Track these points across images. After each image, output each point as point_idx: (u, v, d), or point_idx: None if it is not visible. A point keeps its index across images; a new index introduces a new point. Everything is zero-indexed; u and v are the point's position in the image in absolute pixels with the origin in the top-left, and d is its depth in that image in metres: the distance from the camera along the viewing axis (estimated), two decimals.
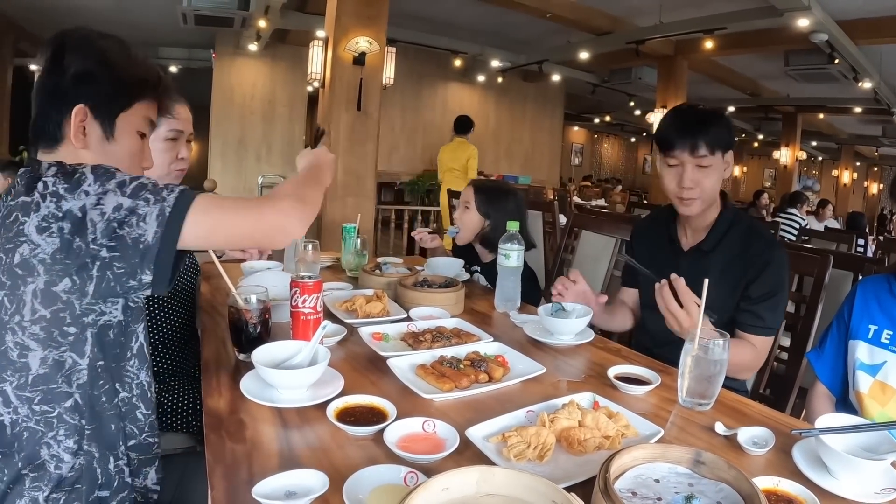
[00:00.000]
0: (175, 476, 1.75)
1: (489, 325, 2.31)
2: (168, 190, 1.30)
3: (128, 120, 1.50)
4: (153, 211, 1.26)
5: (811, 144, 22.90)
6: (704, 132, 2.15)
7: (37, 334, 1.27)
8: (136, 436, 1.48)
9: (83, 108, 1.41)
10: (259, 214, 1.39)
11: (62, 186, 1.25)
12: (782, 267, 2.19)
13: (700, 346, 1.61)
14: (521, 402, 1.58)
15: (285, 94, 12.85)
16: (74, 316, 1.29)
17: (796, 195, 10.07)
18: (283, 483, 1.15)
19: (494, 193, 3.16)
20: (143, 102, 1.53)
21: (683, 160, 2.19)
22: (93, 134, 1.45)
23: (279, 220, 1.40)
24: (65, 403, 1.32)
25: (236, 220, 1.37)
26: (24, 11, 11.18)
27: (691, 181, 2.19)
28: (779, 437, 1.43)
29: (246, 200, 1.41)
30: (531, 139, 16.88)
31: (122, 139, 1.49)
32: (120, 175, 1.30)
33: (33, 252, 1.23)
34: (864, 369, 1.93)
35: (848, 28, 9.14)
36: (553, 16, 10.14)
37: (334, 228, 6.46)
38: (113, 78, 1.45)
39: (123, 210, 1.25)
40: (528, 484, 0.94)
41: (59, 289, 1.25)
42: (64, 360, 1.31)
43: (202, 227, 1.32)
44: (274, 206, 1.41)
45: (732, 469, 1.08)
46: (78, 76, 1.41)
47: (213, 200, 1.35)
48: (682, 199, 2.25)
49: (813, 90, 14.02)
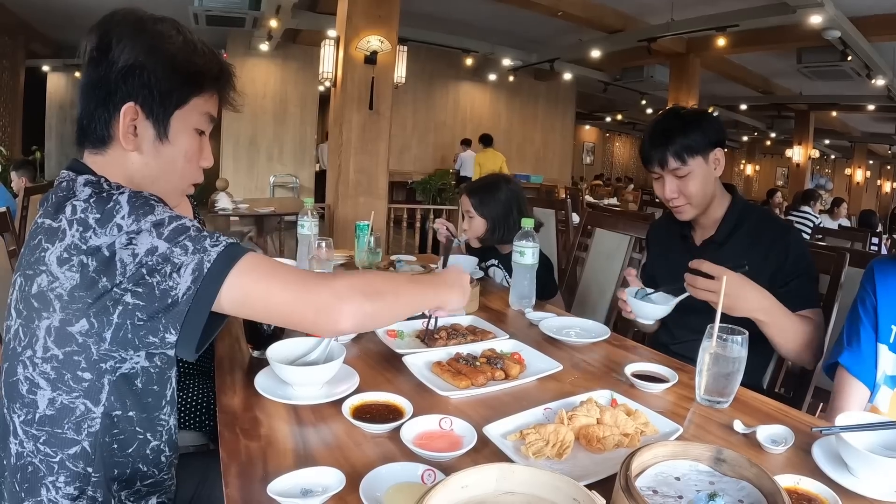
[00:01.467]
0: (195, 475, 1.71)
1: (504, 323, 2.29)
2: (212, 240, 1.17)
3: (184, 117, 1.35)
4: (190, 263, 1.13)
5: (824, 143, 22.79)
6: (671, 143, 2.18)
7: (47, 373, 1.20)
8: (154, 476, 1.42)
9: (133, 106, 1.28)
10: (306, 290, 1.20)
11: (93, 216, 1.15)
12: (801, 244, 2.22)
13: (718, 342, 1.59)
14: (538, 400, 1.57)
15: (297, 94, 12.87)
16: (91, 361, 1.20)
17: (809, 193, 9.99)
18: (299, 481, 1.14)
19: (485, 190, 3.13)
20: (203, 96, 1.38)
21: (661, 173, 2.25)
22: (145, 135, 1.31)
23: (329, 303, 1.20)
24: (69, 450, 1.25)
25: (278, 291, 1.18)
26: (36, 12, 11.23)
27: (671, 191, 2.24)
28: (798, 436, 1.41)
29: (300, 272, 1.25)
30: (543, 138, 16.87)
31: (178, 139, 1.35)
32: (159, 211, 1.17)
33: (51, 285, 1.14)
34: (887, 382, 1.73)
35: (861, 24, 9.09)
36: (564, 14, 10.11)
37: (347, 227, 6.46)
38: (167, 71, 1.29)
39: (157, 255, 1.12)
40: (549, 482, 0.93)
41: (74, 329, 1.16)
42: (75, 406, 1.23)
43: (238, 291, 1.16)
44: (329, 286, 1.21)
45: (754, 467, 1.07)
46: (127, 69, 1.26)
47: (260, 262, 1.20)
48: (672, 207, 2.31)
49: (826, 88, 13.93)
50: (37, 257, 1.17)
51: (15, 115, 12.30)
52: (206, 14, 9.31)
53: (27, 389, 1.22)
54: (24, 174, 6.30)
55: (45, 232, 1.18)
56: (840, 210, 10.76)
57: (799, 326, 2.02)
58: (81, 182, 1.23)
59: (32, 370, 1.21)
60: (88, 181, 1.23)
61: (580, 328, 2.24)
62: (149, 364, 1.32)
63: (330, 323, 1.21)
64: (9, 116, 12.13)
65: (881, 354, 1.74)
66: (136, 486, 1.39)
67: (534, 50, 13.78)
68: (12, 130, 12.17)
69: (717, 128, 2.25)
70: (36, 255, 1.17)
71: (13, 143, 11.89)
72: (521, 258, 2.48)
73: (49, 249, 1.15)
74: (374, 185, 7.03)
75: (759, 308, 1.95)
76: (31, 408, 1.23)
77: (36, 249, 1.17)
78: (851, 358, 1.80)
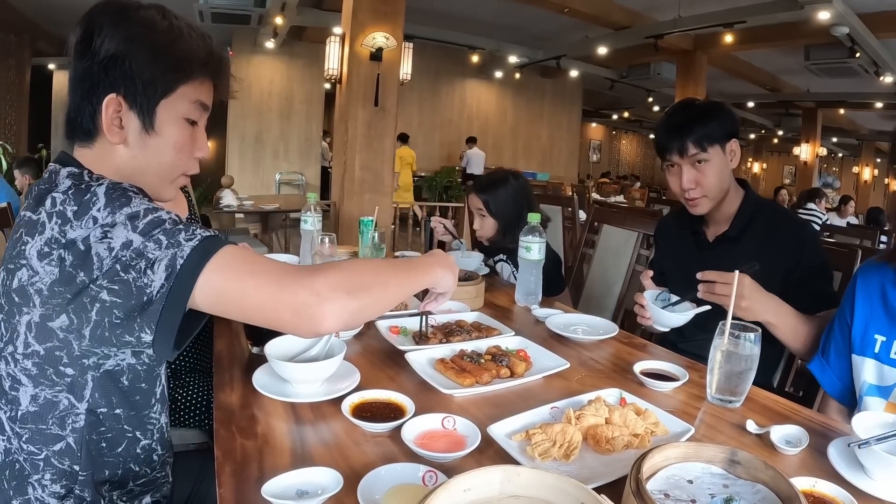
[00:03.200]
0: (193, 474, 1.68)
1: (510, 320, 2.26)
2: (188, 233, 1.10)
3: (171, 106, 1.29)
4: (163, 259, 1.06)
5: (831, 141, 22.76)
6: (691, 131, 2.15)
7: (28, 370, 1.17)
8: (147, 475, 1.40)
9: (116, 97, 1.23)
10: (282, 288, 1.09)
11: (70, 208, 1.11)
12: (816, 241, 2.19)
13: (730, 340, 1.55)
14: (544, 399, 1.53)
15: (302, 91, 12.91)
16: (72, 357, 1.16)
17: (814, 191, 10.02)
18: (295, 481, 1.11)
19: (494, 187, 3.10)
20: (191, 84, 1.31)
21: (678, 162, 2.21)
22: (130, 126, 1.26)
23: (308, 304, 1.09)
24: (53, 447, 1.22)
25: (253, 291, 1.09)
26: (41, 10, 11.27)
27: (689, 181, 2.19)
28: (813, 436, 1.37)
29: (279, 268, 1.13)
30: (549, 136, 16.90)
31: (166, 130, 1.29)
32: (135, 203, 1.12)
33: (31, 279, 1.11)
34: (875, 392, 1.68)
35: (869, 21, 9.05)
36: (570, 11, 10.11)
37: (352, 224, 6.46)
38: (149, 59, 1.24)
39: (131, 250, 1.07)
40: (556, 485, 0.89)
41: (55, 325, 1.12)
42: (58, 400, 1.19)
43: (211, 290, 1.08)
44: (306, 284, 1.10)
45: (770, 469, 1.03)
46: (108, 60, 1.21)
47: (236, 258, 1.12)
48: (687, 200, 2.25)
49: (833, 85, 13.89)
50: (18, 251, 1.13)
51: (21, 113, 12.38)
52: (211, 11, 9.34)
53: (9, 386, 1.20)
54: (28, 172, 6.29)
55: (25, 225, 1.14)
56: (847, 208, 10.76)
57: (811, 329, 1.97)
58: (64, 174, 1.19)
59: (14, 366, 1.18)
60: (71, 173, 1.19)
61: (587, 325, 2.20)
62: (136, 361, 1.28)
63: (310, 325, 1.11)
64: (15, 114, 12.20)
65: (864, 367, 1.70)
66: (129, 487, 1.36)
67: (540, 47, 13.78)
68: (18, 128, 12.25)
69: (733, 118, 2.23)
70: (17, 249, 1.14)
71: (19, 141, 11.95)
72: (528, 254, 2.44)
73: (29, 243, 1.12)
74: (379, 183, 7.01)
75: (768, 310, 1.90)
76: (14, 404, 1.20)
77: (17, 243, 1.14)
78: (819, 367, 1.85)
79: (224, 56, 1.39)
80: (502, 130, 16.28)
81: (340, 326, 1.14)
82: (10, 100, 11.96)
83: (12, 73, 11.97)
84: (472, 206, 3.19)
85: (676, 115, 2.24)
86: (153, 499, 1.44)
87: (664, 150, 2.24)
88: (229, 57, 1.40)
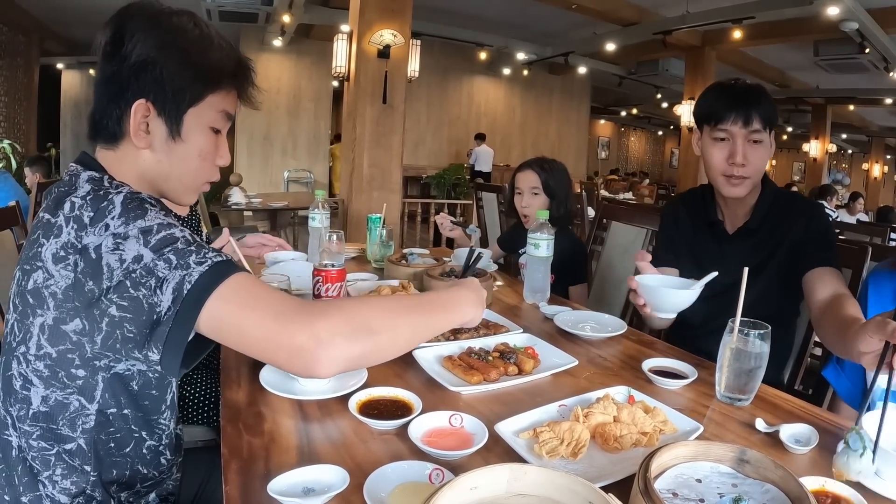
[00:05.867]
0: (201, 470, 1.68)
1: (518, 317, 2.25)
2: (198, 256, 1.08)
3: (199, 115, 1.29)
4: (172, 280, 1.05)
5: (841, 137, 22.64)
6: (756, 104, 2.01)
7: (40, 371, 1.18)
8: (154, 477, 1.40)
9: (145, 103, 1.23)
10: (281, 327, 1.05)
11: (87, 214, 1.10)
12: (824, 217, 2.12)
13: (739, 337, 1.54)
14: (552, 396, 1.52)
15: (311, 89, 12.95)
16: (84, 359, 1.17)
17: (825, 188, 9.97)
18: (301, 479, 1.10)
19: (550, 167, 3.14)
20: (219, 94, 1.32)
21: (734, 134, 2.04)
22: (157, 133, 1.26)
23: (305, 348, 1.05)
24: (65, 445, 1.22)
25: (252, 327, 1.06)
26: (50, 11, 11.32)
27: (743, 157, 2.02)
28: (822, 436, 1.36)
29: (284, 303, 1.09)
30: (557, 132, 16.90)
31: (192, 138, 1.30)
32: (150, 217, 1.11)
33: (46, 282, 1.11)
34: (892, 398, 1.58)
35: (879, 16, 9.00)
36: (578, 7, 10.09)
37: (360, 222, 6.44)
38: (180, 67, 1.24)
39: (142, 265, 1.05)
40: (563, 483, 0.88)
41: (69, 328, 1.12)
42: (69, 402, 1.20)
43: (213, 319, 1.06)
44: (307, 325, 1.05)
45: (779, 469, 1.01)
46: (139, 65, 1.21)
47: (242, 289, 1.09)
48: (730, 178, 2.07)
49: (843, 81, 13.84)
50: (34, 252, 1.13)
51: (30, 113, 12.45)
52: (219, 10, 9.35)
53: (20, 385, 1.20)
54: (38, 170, 6.30)
55: (43, 227, 1.14)
56: (857, 205, 10.70)
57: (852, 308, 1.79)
58: (84, 178, 1.20)
59: (26, 367, 1.18)
60: (91, 178, 1.20)
61: (596, 322, 2.19)
62: (147, 369, 1.28)
63: (305, 370, 1.08)
64: (24, 114, 12.28)
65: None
66: (137, 488, 1.36)
67: (548, 44, 13.74)
68: (27, 128, 12.32)
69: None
70: (34, 251, 1.14)
71: (28, 140, 12.03)
72: (536, 250, 2.43)
73: (45, 245, 1.12)
74: (387, 180, 7.01)
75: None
76: (24, 404, 1.20)
77: (34, 244, 1.14)
78: (833, 373, 1.84)
79: (251, 66, 1.40)
80: (510, 127, 16.27)
81: (338, 372, 1.10)
82: (19, 99, 12.03)
83: (21, 72, 12.04)
84: (524, 184, 3.16)
85: (738, 88, 2.08)
86: (160, 495, 1.44)
87: (719, 119, 2.04)
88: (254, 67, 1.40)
